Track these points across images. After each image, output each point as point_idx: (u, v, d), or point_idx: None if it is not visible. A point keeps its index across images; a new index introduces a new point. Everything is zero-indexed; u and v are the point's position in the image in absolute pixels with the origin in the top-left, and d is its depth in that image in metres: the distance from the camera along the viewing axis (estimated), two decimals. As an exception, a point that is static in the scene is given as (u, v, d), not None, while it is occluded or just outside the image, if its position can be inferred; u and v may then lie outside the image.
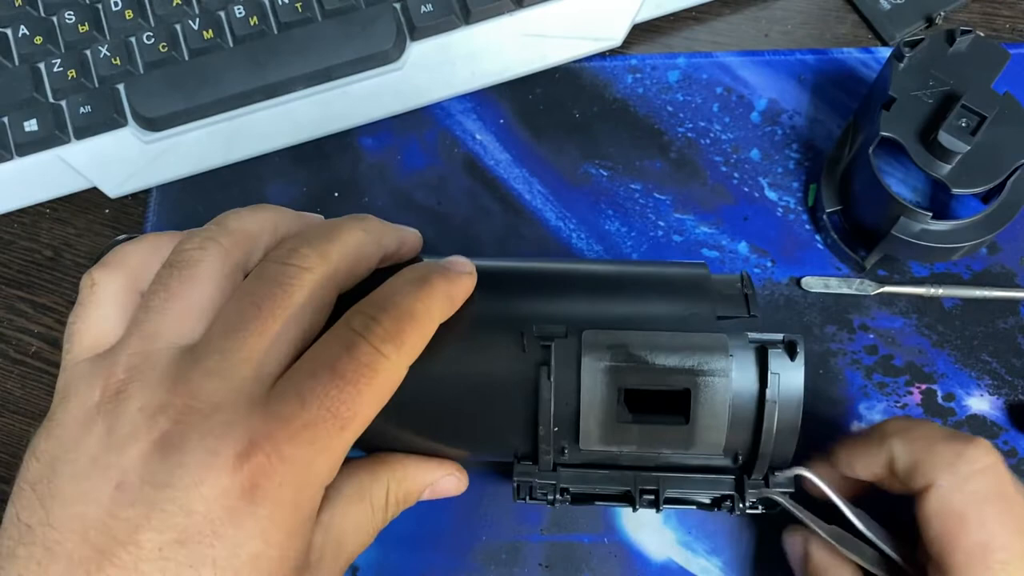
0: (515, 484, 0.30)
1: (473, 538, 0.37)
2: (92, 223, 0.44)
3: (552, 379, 0.28)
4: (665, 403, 0.28)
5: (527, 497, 0.30)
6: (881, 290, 0.39)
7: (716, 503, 0.31)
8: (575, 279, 0.31)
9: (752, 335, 0.29)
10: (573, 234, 0.42)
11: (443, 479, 0.31)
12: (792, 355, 0.28)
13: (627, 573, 0.37)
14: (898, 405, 0.38)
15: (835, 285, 0.39)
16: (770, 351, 0.28)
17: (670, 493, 0.30)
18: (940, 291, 0.39)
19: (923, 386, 0.38)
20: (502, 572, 0.37)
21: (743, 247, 0.41)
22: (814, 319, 0.39)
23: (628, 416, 0.29)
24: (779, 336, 0.29)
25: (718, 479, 0.30)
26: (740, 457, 0.29)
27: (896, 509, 0.31)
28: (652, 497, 0.30)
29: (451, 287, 0.28)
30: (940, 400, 0.38)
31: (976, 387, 0.38)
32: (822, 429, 0.37)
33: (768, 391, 0.28)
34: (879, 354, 0.39)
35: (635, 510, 0.30)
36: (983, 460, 0.28)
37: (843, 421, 0.38)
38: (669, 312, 0.30)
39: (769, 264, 0.40)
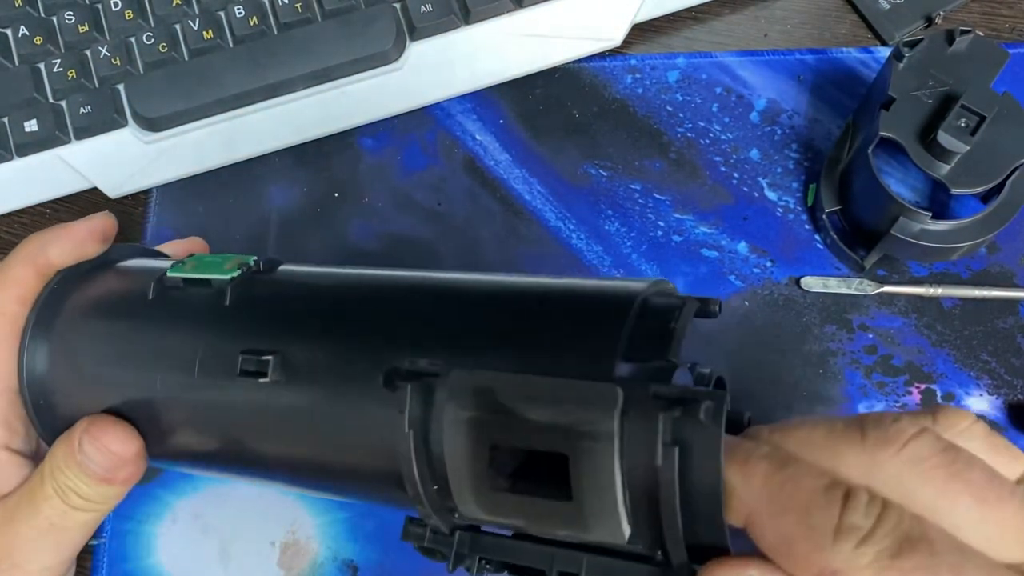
0: (415, 547, 0.25)
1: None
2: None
3: (410, 430, 0.23)
4: (552, 468, 0.22)
5: (443, 560, 0.25)
6: (880, 290, 0.39)
7: None
8: (471, 298, 0.26)
9: (657, 388, 0.21)
10: (573, 234, 0.42)
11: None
12: (708, 421, 0.21)
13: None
14: (897, 405, 0.38)
15: (834, 285, 0.40)
16: (664, 415, 0.21)
17: None
18: (939, 291, 0.39)
19: (922, 386, 0.38)
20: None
21: (742, 247, 0.41)
22: (813, 319, 0.39)
23: (503, 483, 0.23)
24: (694, 392, 0.21)
25: (639, 570, 0.23)
26: (659, 552, 0.22)
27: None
28: None
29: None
30: (939, 400, 0.38)
31: (975, 387, 0.38)
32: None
33: (662, 467, 0.21)
34: (878, 354, 0.39)
35: None
36: (867, 519, 0.20)
37: (842, 421, 0.38)
38: (564, 345, 0.23)
39: (768, 264, 0.40)
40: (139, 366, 0.30)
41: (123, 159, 0.43)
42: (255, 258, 0.31)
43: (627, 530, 0.22)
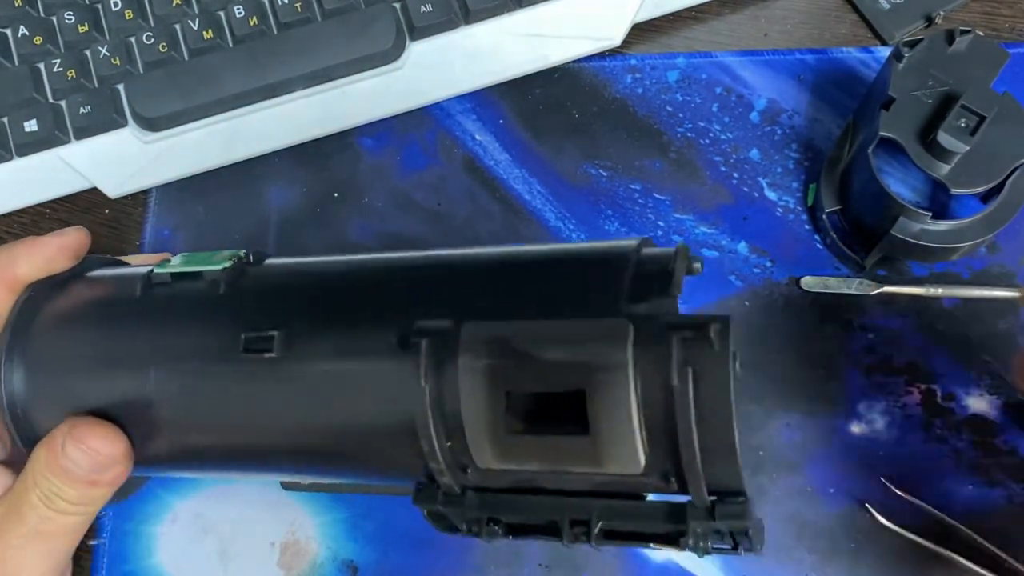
0: (424, 514, 0.26)
1: (474, 539, 0.37)
2: (92, 223, 0.44)
3: (426, 384, 0.23)
4: (566, 409, 0.23)
5: (449, 530, 0.26)
6: (881, 290, 0.39)
7: (671, 540, 0.24)
8: (468, 264, 0.27)
9: (670, 319, 0.22)
10: (573, 234, 0.42)
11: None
12: (717, 341, 0.22)
13: (627, 574, 0.37)
14: (897, 405, 0.38)
15: (834, 285, 0.39)
16: (679, 337, 0.22)
17: (609, 525, 0.24)
18: (940, 291, 0.39)
19: (922, 386, 0.38)
20: (502, 572, 0.37)
21: (743, 247, 0.41)
22: (813, 319, 0.39)
23: (519, 426, 0.23)
24: (701, 318, 0.22)
25: (652, 508, 0.24)
26: (674, 480, 0.23)
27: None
28: (584, 529, 0.24)
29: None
30: (940, 400, 0.38)
31: (976, 387, 0.38)
32: (821, 430, 0.37)
33: (678, 389, 0.21)
34: (879, 354, 0.39)
35: (565, 544, 0.24)
36: None
37: (842, 421, 0.38)
38: (570, 295, 0.24)
39: (768, 264, 0.40)
40: (127, 363, 0.29)
41: (123, 159, 0.43)
42: (244, 251, 0.31)
43: (643, 458, 0.22)
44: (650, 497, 0.24)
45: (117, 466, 0.30)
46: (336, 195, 0.43)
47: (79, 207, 0.45)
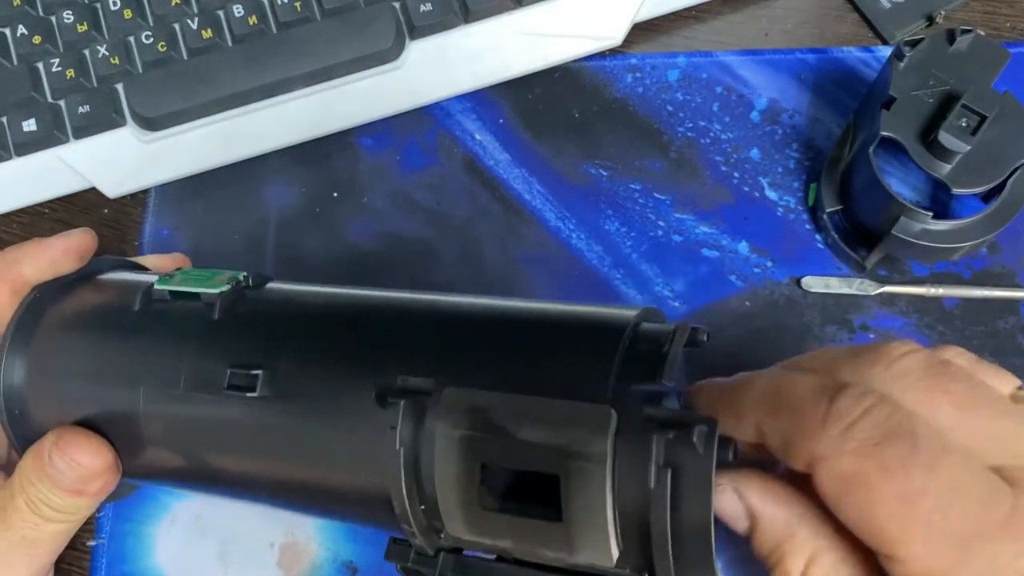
0: (397, 567, 0.25)
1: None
2: (91, 223, 0.44)
3: (401, 447, 0.23)
4: (542, 489, 0.22)
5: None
6: (881, 290, 0.39)
7: None
8: (462, 319, 0.26)
9: (650, 410, 0.22)
10: (573, 234, 0.42)
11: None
12: (705, 444, 0.21)
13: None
14: (898, 405, 0.38)
15: (835, 285, 0.39)
16: (658, 436, 0.21)
17: None
18: (940, 291, 0.39)
19: (923, 386, 0.38)
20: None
21: (743, 247, 0.41)
22: (814, 319, 0.39)
23: (493, 502, 0.23)
24: (688, 415, 0.21)
25: None
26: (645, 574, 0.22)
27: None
28: None
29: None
30: (940, 400, 0.38)
31: (976, 387, 0.38)
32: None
33: (656, 491, 0.21)
34: (879, 354, 0.38)
35: None
36: (855, 409, 0.22)
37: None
38: (557, 369, 0.23)
39: (769, 264, 0.40)
40: (120, 378, 0.29)
41: (122, 158, 0.43)
42: (244, 273, 0.31)
43: (616, 552, 0.21)
44: None
45: (101, 478, 0.30)
46: (336, 195, 0.43)
47: (78, 207, 0.45)
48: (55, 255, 0.33)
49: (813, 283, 0.40)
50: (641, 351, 0.23)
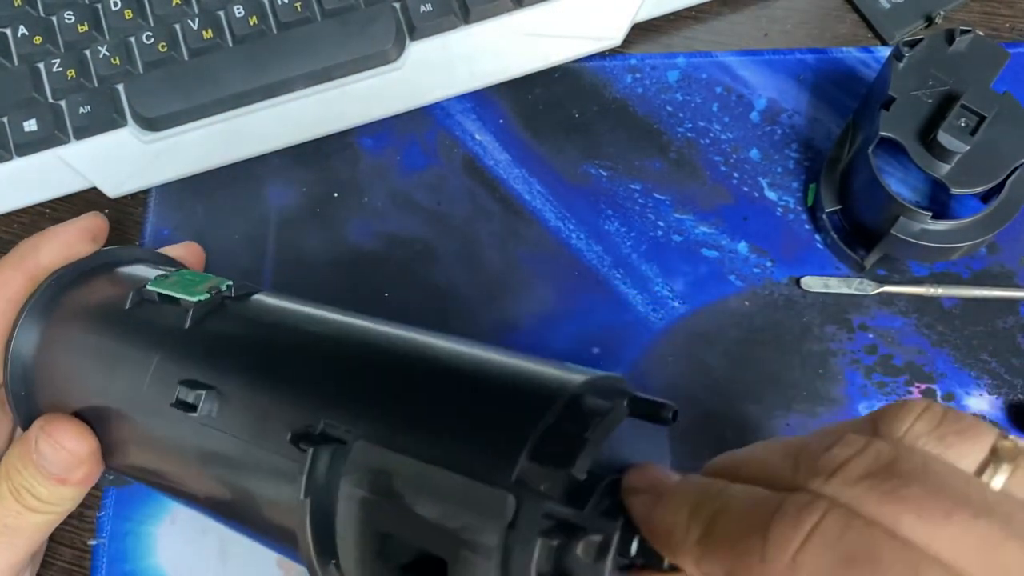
0: None
1: None
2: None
3: (306, 498, 0.22)
4: (434, 569, 0.21)
5: None
6: (881, 290, 0.39)
7: None
8: (397, 365, 0.25)
9: (551, 507, 0.20)
10: (572, 234, 0.42)
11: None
12: (598, 554, 0.19)
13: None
14: (898, 405, 0.38)
15: (835, 285, 0.39)
16: (542, 541, 0.19)
17: None
18: (940, 291, 0.39)
19: (923, 386, 0.38)
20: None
21: (743, 247, 0.41)
22: (814, 319, 0.39)
23: (389, 573, 0.22)
24: (591, 519, 0.20)
25: None
26: None
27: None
28: None
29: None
30: (939, 400, 0.38)
31: (976, 386, 0.38)
32: (822, 429, 0.37)
33: None
34: (879, 354, 0.39)
35: None
36: (795, 534, 0.18)
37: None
38: (470, 438, 0.21)
39: (769, 264, 0.40)
40: (101, 374, 0.30)
41: (122, 159, 0.43)
42: (229, 283, 0.31)
43: None
44: None
45: (85, 465, 0.30)
46: (336, 195, 0.43)
47: (79, 207, 0.45)
48: (69, 238, 0.34)
49: (812, 283, 0.40)
50: (566, 430, 0.21)
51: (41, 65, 0.43)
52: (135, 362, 0.29)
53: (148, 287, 0.31)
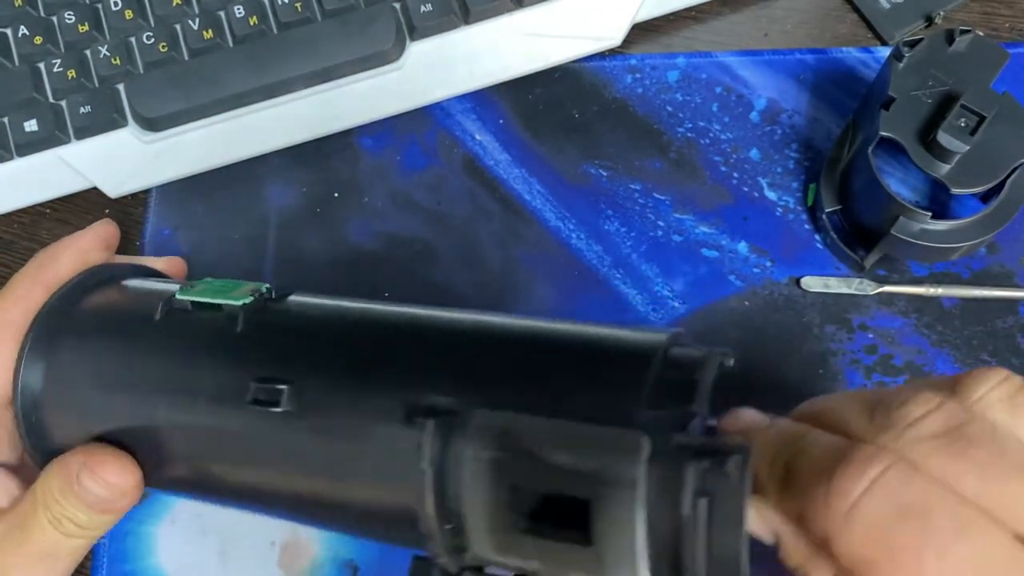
0: None
1: None
2: (92, 223, 0.44)
3: (429, 468, 0.23)
4: (571, 512, 0.22)
5: None
6: (880, 290, 0.39)
7: None
8: (492, 340, 0.27)
9: (681, 437, 0.22)
10: (572, 234, 0.42)
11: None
12: (738, 472, 0.21)
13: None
14: (897, 405, 0.38)
15: (834, 285, 0.40)
16: (693, 464, 0.21)
17: None
18: (939, 291, 0.39)
19: (922, 386, 0.38)
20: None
21: (743, 247, 0.41)
22: (813, 319, 0.39)
23: (522, 524, 0.23)
24: (722, 444, 0.21)
25: None
26: None
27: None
28: None
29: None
30: (939, 400, 0.38)
31: (975, 387, 0.38)
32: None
33: (685, 519, 0.21)
34: (878, 353, 0.39)
35: None
36: (859, 482, 0.20)
37: (842, 421, 0.38)
38: (587, 393, 0.24)
39: (768, 264, 0.40)
40: (141, 390, 0.29)
41: (123, 159, 0.43)
42: (267, 285, 0.31)
43: (644, 574, 0.22)
44: None
45: (129, 495, 0.30)
46: (336, 195, 0.43)
47: (79, 207, 0.45)
48: (84, 246, 0.34)
49: (812, 283, 0.40)
50: (671, 378, 0.23)
51: (42, 65, 0.43)
52: (185, 372, 0.29)
53: (178, 296, 0.30)
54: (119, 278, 0.34)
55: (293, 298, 0.31)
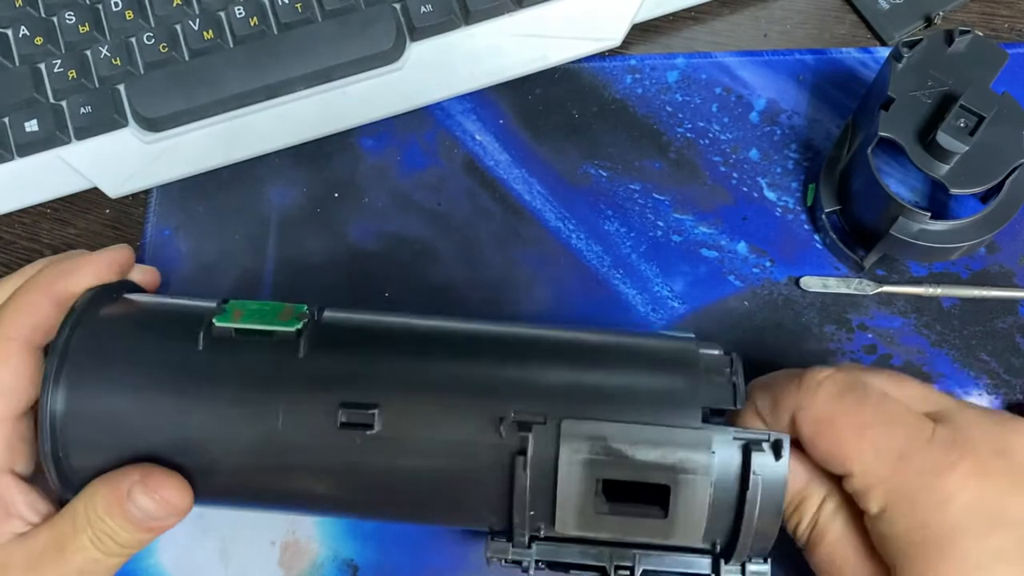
0: (487, 556, 0.30)
1: (473, 538, 0.37)
2: (92, 223, 0.45)
3: (528, 470, 0.28)
4: (644, 492, 0.28)
5: (501, 562, 0.30)
6: (880, 290, 0.39)
7: None
8: (554, 353, 0.31)
9: (736, 433, 0.28)
10: (572, 234, 0.42)
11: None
12: (777, 455, 0.28)
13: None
14: (897, 404, 0.38)
15: (834, 285, 0.40)
16: (754, 452, 0.28)
17: (646, 569, 0.30)
18: (939, 291, 0.39)
19: (922, 385, 0.38)
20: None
21: (742, 247, 0.41)
22: (813, 319, 0.39)
23: (605, 507, 0.29)
24: (765, 435, 0.28)
25: (695, 560, 0.30)
26: (718, 545, 0.29)
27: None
28: (627, 574, 0.30)
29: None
30: (939, 399, 0.38)
31: (975, 386, 0.38)
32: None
33: (749, 492, 0.28)
34: (878, 353, 0.39)
35: None
36: (820, 375, 0.30)
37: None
38: (652, 400, 0.29)
39: (768, 264, 0.40)
40: (202, 421, 0.29)
41: (123, 159, 0.43)
42: (306, 307, 0.31)
43: (703, 534, 0.28)
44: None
45: (179, 515, 0.30)
46: (336, 195, 0.44)
47: (80, 207, 0.45)
48: (102, 269, 0.33)
49: (812, 283, 0.40)
50: (715, 382, 0.30)
51: (42, 66, 0.43)
52: (252, 400, 0.29)
53: (217, 324, 0.30)
54: (119, 294, 0.33)
55: (332, 315, 0.32)
